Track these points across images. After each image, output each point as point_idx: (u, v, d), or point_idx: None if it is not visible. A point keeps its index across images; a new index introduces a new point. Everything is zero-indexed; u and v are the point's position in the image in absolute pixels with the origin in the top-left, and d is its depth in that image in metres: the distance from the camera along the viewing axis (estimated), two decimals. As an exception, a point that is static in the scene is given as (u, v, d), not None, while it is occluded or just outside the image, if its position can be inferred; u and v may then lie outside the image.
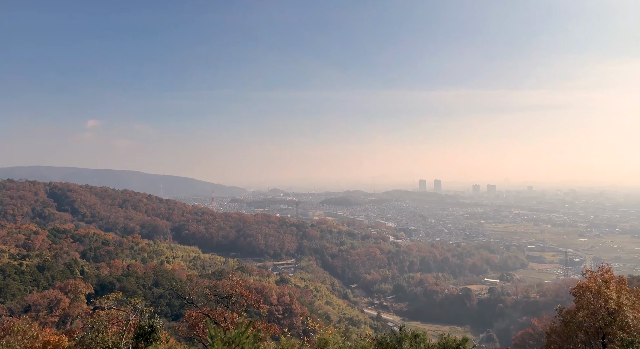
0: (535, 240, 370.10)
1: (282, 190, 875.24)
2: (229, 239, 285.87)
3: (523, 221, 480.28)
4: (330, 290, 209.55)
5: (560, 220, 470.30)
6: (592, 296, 30.69)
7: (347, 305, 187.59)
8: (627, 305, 28.89)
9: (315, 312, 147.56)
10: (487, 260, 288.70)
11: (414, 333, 12.76)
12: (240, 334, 18.60)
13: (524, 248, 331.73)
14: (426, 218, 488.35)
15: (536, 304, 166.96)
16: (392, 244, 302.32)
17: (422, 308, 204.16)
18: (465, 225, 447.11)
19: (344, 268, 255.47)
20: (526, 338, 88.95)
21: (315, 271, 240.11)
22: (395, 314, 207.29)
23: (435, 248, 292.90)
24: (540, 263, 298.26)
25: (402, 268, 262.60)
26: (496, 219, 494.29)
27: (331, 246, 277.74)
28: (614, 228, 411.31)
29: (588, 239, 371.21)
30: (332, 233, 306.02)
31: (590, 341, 29.94)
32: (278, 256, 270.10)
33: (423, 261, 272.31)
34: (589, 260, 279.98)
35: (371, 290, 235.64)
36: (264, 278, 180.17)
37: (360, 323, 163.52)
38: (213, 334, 18.40)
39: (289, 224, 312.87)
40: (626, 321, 27.95)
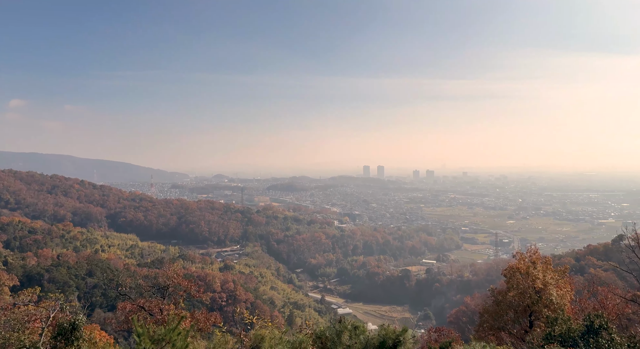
0: (469, 223, 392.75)
1: (226, 176, 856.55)
2: (169, 226, 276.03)
3: (458, 205, 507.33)
4: (275, 275, 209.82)
5: (492, 204, 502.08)
6: (522, 277, 32.34)
7: (292, 290, 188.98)
8: (551, 284, 30.76)
9: (260, 298, 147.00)
10: (426, 242, 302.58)
11: (353, 324, 12.29)
12: (171, 330, 17.29)
13: (458, 230, 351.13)
14: (369, 203, 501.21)
15: (469, 283, 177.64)
16: (336, 229, 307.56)
17: (364, 289, 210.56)
18: (405, 209, 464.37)
19: (290, 253, 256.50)
20: (460, 315, 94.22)
21: (260, 257, 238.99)
22: (339, 297, 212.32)
23: (378, 232, 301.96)
24: (473, 244, 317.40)
25: (346, 252, 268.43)
26: (434, 203, 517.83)
27: (277, 232, 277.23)
28: (539, 210, 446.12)
29: (516, 221, 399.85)
30: (278, 219, 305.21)
31: (519, 318, 31.70)
32: (222, 243, 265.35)
33: (366, 245, 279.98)
34: (517, 241, 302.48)
35: (316, 273, 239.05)
36: (207, 265, 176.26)
37: (305, 306, 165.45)
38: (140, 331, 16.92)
39: (233, 210, 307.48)
40: (551, 299, 29.76)
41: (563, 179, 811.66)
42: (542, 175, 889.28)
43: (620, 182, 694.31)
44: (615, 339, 18.80)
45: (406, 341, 12.27)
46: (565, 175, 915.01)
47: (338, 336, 12.35)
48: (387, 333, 12.49)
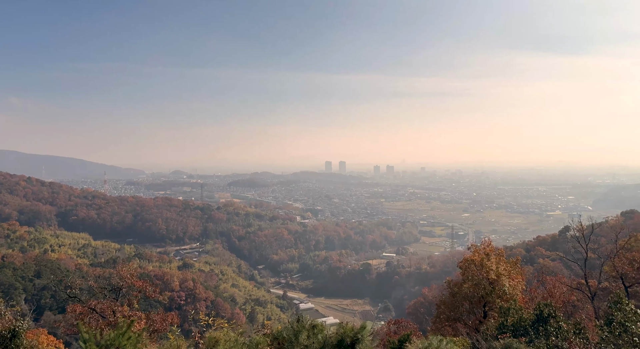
0: (427, 216, 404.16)
1: (185, 172, 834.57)
2: (124, 224, 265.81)
3: (417, 199, 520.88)
4: (236, 272, 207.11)
5: (448, 198, 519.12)
6: (476, 268, 33.32)
7: (253, 286, 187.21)
8: (504, 275, 31.89)
9: (221, 296, 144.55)
10: (386, 236, 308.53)
11: (311, 323, 12.04)
12: (121, 334, 16.36)
13: (417, 224, 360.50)
14: (332, 198, 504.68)
15: (427, 275, 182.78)
16: (299, 224, 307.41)
17: (326, 284, 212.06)
18: (367, 204, 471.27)
19: (251, 250, 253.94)
20: (418, 306, 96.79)
21: (221, 255, 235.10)
22: (301, 292, 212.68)
23: (340, 227, 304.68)
24: (430, 237, 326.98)
25: (308, 247, 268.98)
26: (394, 198, 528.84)
27: (238, 229, 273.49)
28: (492, 204, 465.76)
29: (471, 214, 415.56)
30: (239, 215, 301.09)
31: (473, 309, 32.69)
32: (181, 241, 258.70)
33: (328, 240, 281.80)
34: (472, 233, 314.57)
35: (278, 269, 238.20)
36: (165, 264, 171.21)
37: (267, 303, 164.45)
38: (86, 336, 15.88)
39: (193, 207, 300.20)
40: (504, 289, 30.85)
41: (514, 173, 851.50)
42: (495, 170, 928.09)
43: (566, 176, 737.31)
44: (562, 327, 19.68)
45: (364, 338, 12.17)
46: (517, 170, 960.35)
47: (296, 337, 12.08)
48: (346, 331, 12.34)
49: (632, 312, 17.11)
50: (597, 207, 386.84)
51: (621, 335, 16.00)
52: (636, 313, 17.06)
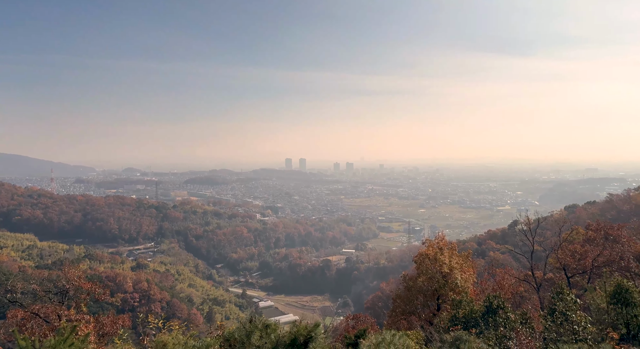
0: (385, 212, 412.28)
1: (139, 170, 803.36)
2: (73, 224, 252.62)
3: (375, 195, 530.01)
4: (194, 272, 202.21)
5: (405, 194, 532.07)
6: (430, 262, 34.18)
7: (211, 286, 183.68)
8: (456, 268, 32.89)
9: (177, 296, 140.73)
10: (345, 232, 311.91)
11: (264, 323, 11.74)
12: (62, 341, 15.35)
13: (375, 220, 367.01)
14: (292, 195, 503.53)
15: (385, 270, 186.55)
16: (259, 222, 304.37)
17: (286, 281, 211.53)
18: (327, 201, 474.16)
19: (210, 249, 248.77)
20: (376, 300, 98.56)
21: (177, 254, 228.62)
22: (261, 290, 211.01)
23: (300, 224, 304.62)
24: (388, 232, 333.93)
25: (268, 245, 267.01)
26: (353, 194, 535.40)
27: (195, 227, 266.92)
28: (447, 199, 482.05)
29: (426, 210, 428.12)
30: (197, 214, 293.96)
31: (428, 302, 33.54)
32: (135, 241, 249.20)
33: (288, 237, 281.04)
34: (427, 228, 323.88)
35: (237, 268, 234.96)
36: (117, 264, 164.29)
37: (225, 302, 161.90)
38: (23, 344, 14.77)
39: (147, 206, 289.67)
40: (456, 282, 31.82)
41: (467, 170, 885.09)
42: (450, 167, 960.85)
43: (515, 172, 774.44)
44: (510, 317, 20.48)
45: (318, 336, 12.03)
46: (469, 166, 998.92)
47: (248, 337, 11.75)
48: (299, 329, 12.15)
49: (573, 302, 18.09)
50: (543, 202, 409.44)
51: (562, 324, 16.87)
52: (576, 302, 18.05)
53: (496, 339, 17.66)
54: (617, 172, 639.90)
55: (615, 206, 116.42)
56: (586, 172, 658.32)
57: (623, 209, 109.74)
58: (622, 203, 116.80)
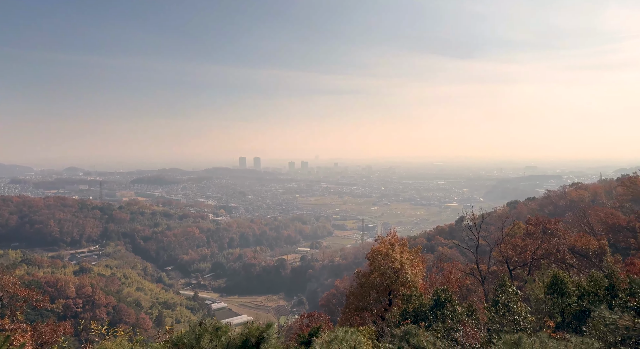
0: (339, 210, 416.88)
1: (81, 169, 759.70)
2: (8, 227, 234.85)
3: (330, 194, 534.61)
4: (142, 275, 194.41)
5: (359, 192, 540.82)
6: (382, 259, 34.89)
7: (161, 289, 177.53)
8: (407, 264, 33.77)
9: (124, 301, 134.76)
10: (300, 230, 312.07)
11: (215, 326, 11.41)
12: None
13: (330, 218, 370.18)
14: (246, 194, 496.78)
15: (339, 267, 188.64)
16: (211, 222, 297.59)
17: (240, 282, 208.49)
18: (282, 200, 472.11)
19: (159, 251, 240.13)
20: (330, 298, 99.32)
21: (124, 257, 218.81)
22: (214, 292, 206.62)
23: (255, 223, 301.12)
24: (343, 230, 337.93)
25: (221, 246, 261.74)
26: (308, 193, 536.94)
27: (144, 229, 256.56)
28: (398, 197, 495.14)
29: (380, 207, 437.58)
30: (145, 215, 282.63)
31: (380, 298, 34.20)
32: (77, 244, 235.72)
33: (243, 237, 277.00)
34: (380, 225, 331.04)
35: (189, 270, 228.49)
36: (58, 269, 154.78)
37: (176, 305, 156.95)
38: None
39: (91, 207, 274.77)
40: (407, 277, 32.67)
41: (418, 168, 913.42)
42: (401, 165, 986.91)
43: (462, 170, 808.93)
44: (457, 310, 21.30)
45: (270, 336, 11.86)
46: (420, 165, 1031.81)
47: (197, 341, 11.36)
48: (251, 331, 11.92)
49: (514, 293, 19.12)
50: (487, 198, 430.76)
51: (505, 315, 17.77)
52: (517, 293, 19.10)
53: (444, 332, 18.28)
54: (554, 169, 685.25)
55: (552, 202, 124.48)
56: (526, 169, 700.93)
57: (559, 204, 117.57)
58: (558, 198, 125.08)
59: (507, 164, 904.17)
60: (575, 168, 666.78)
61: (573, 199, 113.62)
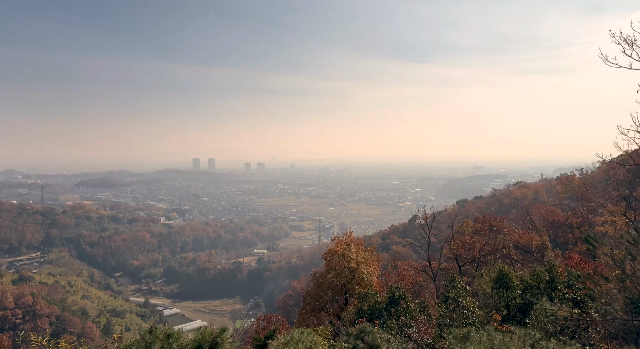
0: (296, 211, 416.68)
1: (20, 171, 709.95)
2: None
3: (287, 195, 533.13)
4: (88, 282, 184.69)
5: (316, 193, 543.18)
6: (339, 258, 35.25)
7: (109, 296, 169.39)
8: (363, 263, 34.29)
9: (69, 309, 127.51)
10: (257, 232, 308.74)
11: (166, 332, 11.00)
12: None
13: (287, 219, 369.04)
14: (200, 197, 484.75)
15: (296, 268, 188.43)
16: (163, 226, 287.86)
17: (194, 286, 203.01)
18: (238, 202, 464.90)
19: (107, 257, 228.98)
20: (287, 299, 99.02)
21: (68, 264, 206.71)
22: (166, 298, 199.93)
23: (209, 226, 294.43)
24: (300, 231, 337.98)
25: (174, 250, 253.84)
26: (265, 194, 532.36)
27: (90, 234, 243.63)
28: (354, 197, 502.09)
29: (336, 207, 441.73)
30: (91, 219, 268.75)
31: (336, 297, 34.49)
32: (16, 251, 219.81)
33: (197, 240, 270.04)
34: (337, 226, 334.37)
35: (139, 276, 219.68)
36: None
37: (126, 312, 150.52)
38: None
39: (31, 212, 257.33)
40: (362, 276, 33.16)
41: (373, 169, 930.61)
42: (357, 166, 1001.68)
43: (415, 170, 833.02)
44: (410, 307, 21.87)
45: (224, 341, 11.59)
46: (375, 165, 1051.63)
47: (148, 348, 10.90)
48: (204, 336, 11.60)
49: (463, 288, 19.92)
50: (438, 198, 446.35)
51: (455, 310, 18.47)
52: (466, 289, 19.92)
53: (398, 328, 18.71)
54: (499, 169, 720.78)
55: (498, 200, 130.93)
56: (474, 169, 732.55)
57: (504, 202, 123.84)
58: (503, 197, 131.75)
59: (456, 164, 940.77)
60: (519, 167, 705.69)
61: (517, 197, 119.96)
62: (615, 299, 15.66)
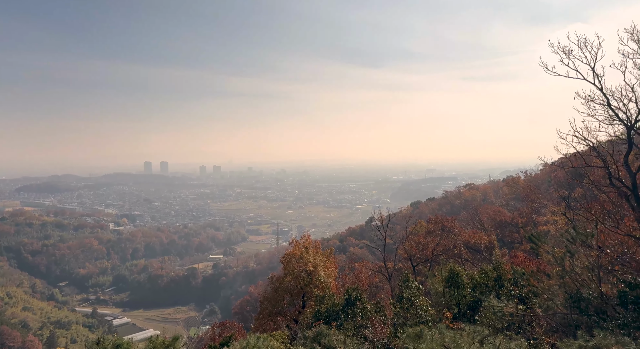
0: (254, 215, 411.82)
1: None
2: None
3: (244, 198, 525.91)
4: (29, 293, 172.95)
5: (274, 196, 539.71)
6: (296, 262, 35.14)
7: (53, 307, 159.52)
8: (320, 266, 34.39)
9: (7, 322, 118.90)
10: (213, 237, 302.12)
11: (115, 343, 10.49)
12: None
13: (244, 223, 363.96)
14: (152, 201, 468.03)
15: (254, 273, 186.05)
16: (112, 232, 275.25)
17: (146, 295, 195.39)
18: (192, 206, 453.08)
19: (50, 265, 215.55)
20: (244, 305, 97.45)
21: (7, 274, 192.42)
22: (116, 307, 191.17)
23: (162, 232, 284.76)
24: (257, 235, 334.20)
25: (124, 257, 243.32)
26: (221, 198, 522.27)
27: (32, 242, 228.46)
28: (312, 200, 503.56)
29: (294, 211, 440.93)
30: (34, 226, 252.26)
31: (294, 301, 34.34)
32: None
33: (149, 247, 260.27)
34: (295, 229, 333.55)
35: (86, 285, 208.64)
36: None
37: (72, 324, 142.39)
38: None
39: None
40: (320, 279, 33.24)
41: (331, 171, 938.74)
42: (315, 169, 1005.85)
43: (371, 173, 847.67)
44: (366, 307, 22.16)
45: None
46: (333, 168, 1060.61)
47: (92, 363, 10.33)
48: (155, 345, 11.18)
49: (416, 288, 20.48)
50: (393, 200, 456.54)
51: (409, 309, 18.93)
52: (419, 288, 20.49)
53: (354, 329, 18.89)
54: (450, 171, 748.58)
55: (449, 202, 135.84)
56: (427, 172, 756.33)
57: (455, 204, 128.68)
58: (454, 198, 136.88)
59: (411, 167, 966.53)
60: (468, 170, 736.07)
61: (467, 198, 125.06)
62: (556, 294, 16.66)
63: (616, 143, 23.49)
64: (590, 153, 23.94)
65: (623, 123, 22.08)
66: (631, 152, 22.55)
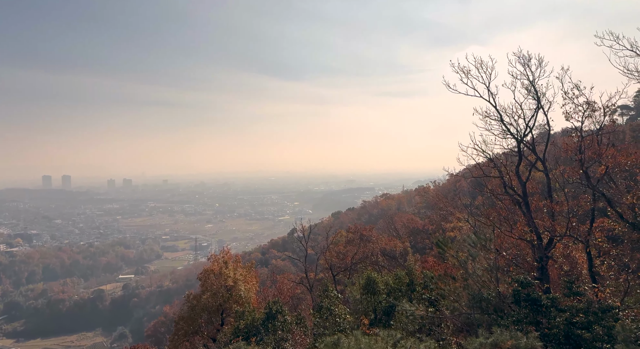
0: (170, 231, 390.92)
1: None
2: None
3: (159, 213, 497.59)
4: None
5: (192, 210, 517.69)
6: (215, 278, 33.95)
7: None
8: (240, 280, 33.59)
9: None
10: (123, 256, 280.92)
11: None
12: None
13: (159, 240, 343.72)
14: (52, 219, 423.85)
15: (169, 292, 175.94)
16: (4, 254, 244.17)
17: (44, 322, 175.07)
18: (99, 223, 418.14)
19: None
20: (158, 326, 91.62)
21: None
22: (7, 338, 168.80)
23: (64, 252, 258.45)
24: (174, 251, 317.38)
25: (18, 281, 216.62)
26: (133, 214, 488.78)
27: None
28: (234, 213, 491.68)
29: (214, 224, 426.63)
30: None
31: (212, 319, 33.03)
32: None
33: (47, 269, 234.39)
34: (215, 243, 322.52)
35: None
36: None
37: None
38: None
39: None
40: (240, 294, 32.42)
41: (252, 183, 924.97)
42: (237, 181, 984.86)
43: (293, 185, 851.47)
44: (287, 320, 22.02)
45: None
46: (254, 180, 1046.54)
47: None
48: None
49: (335, 297, 20.84)
50: (315, 210, 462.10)
51: (328, 318, 19.17)
52: (338, 297, 20.89)
53: (275, 343, 18.64)
54: (368, 182, 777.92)
55: (367, 211, 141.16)
56: (347, 183, 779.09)
57: (373, 213, 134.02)
58: (372, 208, 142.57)
59: (331, 178, 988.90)
60: (385, 180, 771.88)
61: (383, 208, 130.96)
62: (461, 296, 17.98)
63: (509, 155, 26.24)
64: (488, 164, 26.47)
65: (514, 137, 24.82)
66: (521, 163, 25.34)
